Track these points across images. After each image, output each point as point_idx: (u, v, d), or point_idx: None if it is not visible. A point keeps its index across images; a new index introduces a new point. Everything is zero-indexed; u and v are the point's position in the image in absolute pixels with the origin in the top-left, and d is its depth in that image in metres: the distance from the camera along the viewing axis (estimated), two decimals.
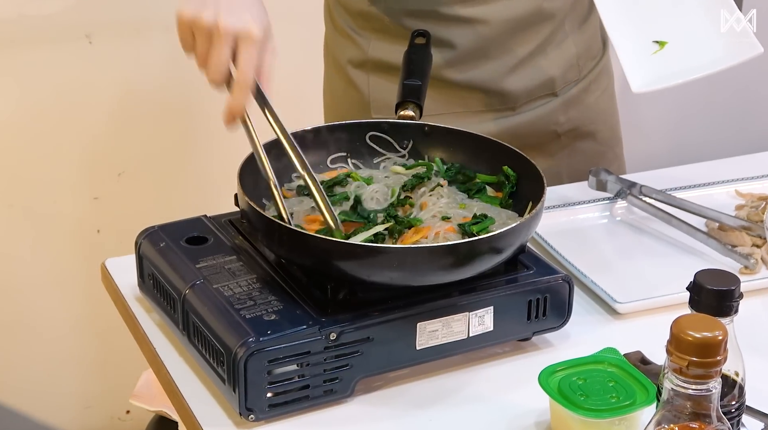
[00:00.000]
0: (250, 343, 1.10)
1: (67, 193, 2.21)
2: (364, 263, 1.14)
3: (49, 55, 2.10)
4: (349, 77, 1.64)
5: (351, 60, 1.63)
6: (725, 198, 1.60)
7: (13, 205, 2.18)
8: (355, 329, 1.14)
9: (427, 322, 1.17)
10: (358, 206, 1.26)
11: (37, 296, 2.26)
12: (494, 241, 1.17)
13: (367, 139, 1.37)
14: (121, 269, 1.38)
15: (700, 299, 0.97)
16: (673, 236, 1.50)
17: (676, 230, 1.49)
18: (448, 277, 1.17)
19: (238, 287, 1.19)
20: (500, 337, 1.23)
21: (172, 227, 1.31)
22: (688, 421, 0.85)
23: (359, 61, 1.62)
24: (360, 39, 1.61)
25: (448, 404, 1.18)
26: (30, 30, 2.07)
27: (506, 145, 1.34)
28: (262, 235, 1.22)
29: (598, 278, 1.36)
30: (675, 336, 0.83)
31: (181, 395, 1.19)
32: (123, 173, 2.24)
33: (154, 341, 1.27)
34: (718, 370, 0.83)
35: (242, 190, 1.21)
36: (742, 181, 1.63)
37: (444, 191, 1.29)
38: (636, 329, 1.30)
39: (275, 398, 1.12)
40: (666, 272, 1.41)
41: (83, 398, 2.39)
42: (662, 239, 1.50)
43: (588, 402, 1.08)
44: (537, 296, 1.22)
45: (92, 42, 2.12)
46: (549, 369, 1.12)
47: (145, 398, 2.00)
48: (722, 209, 1.53)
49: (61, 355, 2.33)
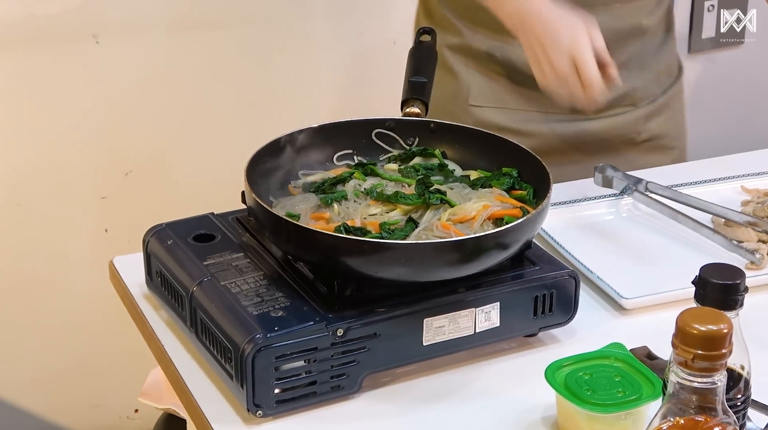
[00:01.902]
0: (257, 339, 1.10)
1: (75, 193, 2.21)
2: (371, 259, 1.15)
3: (56, 55, 2.11)
4: (447, 62, 1.66)
5: (450, 45, 1.66)
6: (731, 194, 1.60)
7: (21, 205, 2.19)
8: (362, 325, 1.14)
9: (434, 318, 1.17)
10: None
11: (45, 295, 2.26)
12: (500, 237, 1.17)
13: (373, 137, 1.38)
14: (129, 266, 1.39)
15: (705, 293, 0.98)
16: (679, 232, 1.50)
17: (682, 227, 1.49)
18: (455, 273, 1.17)
19: (246, 283, 1.20)
20: (506, 333, 1.23)
21: (180, 225, 1.32)
22: (693, 414, 0.85)
23: (459, 47, 1.65)
24: (463, 28, 1.64)
25: (455, 400, 1.18)
26: (37, 30, 2.08)
27: (512, 141, 1.34)
28: (269, 232, 1.23)
29: (604, 274, 1.37)
30: (680, 329, 0.84)
31: (190, 392, 1.19)
32: (130, 173, 2.24)
33: (162, 338, 1.28)
34: (723, 363, 0.84)
35: (249, 187, 1.22)
36: (748, 177, 1.63)
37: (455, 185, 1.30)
38: (642, 324, 1.30)
39: (283, 394, 1.13)
40: (672, 267, 1.41)
41: (92, 397, 2.39)
42: (668, 235, 1.50)
43: (594, 397, 1.08)
44: (543, 291, 1.23)
45: (99, 42, 2.12)
46: (555, 364, 1.12)
47: (153, 396, 2.00)
48: (728, 205, 1.53)
49: (70, 354, 2.34)
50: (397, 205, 1.25)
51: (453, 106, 1.68)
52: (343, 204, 1.26)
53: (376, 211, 1.25)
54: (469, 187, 1.30)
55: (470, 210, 1.23)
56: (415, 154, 1.37)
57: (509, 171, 1.32)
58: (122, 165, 2.23)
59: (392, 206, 1.26)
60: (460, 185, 1.30)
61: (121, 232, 2.22)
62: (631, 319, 1.33)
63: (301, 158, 1.34)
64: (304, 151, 1.34)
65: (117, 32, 2.13)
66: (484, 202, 1.24)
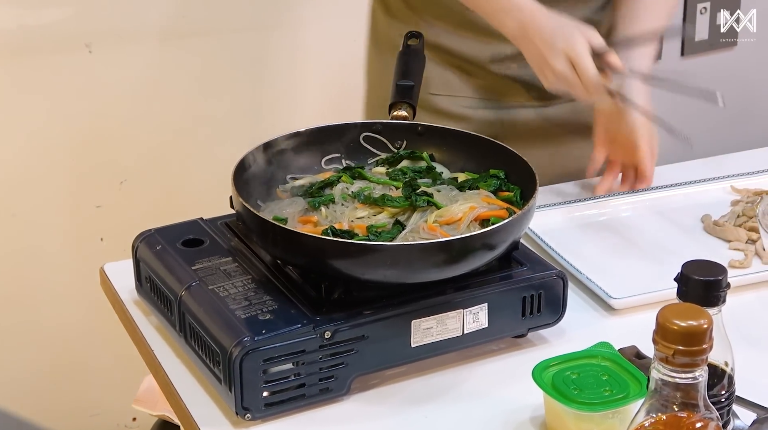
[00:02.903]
0: (245, 342, 1.10)
1: (70, 202, 2.22)
2: (358, 262, 1.15)
3: (49, 64, 2.11)
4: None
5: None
6: (721, 194, 1.60)
7: (16, 215, 2.19)
8: (350, 328, 1.15)
9: (422, 319, 1.18)
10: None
11: (40, 304, 2.27)
12: (487, 237, 1.17)
13: (361, 140, 1.38)
14: (120, 273, 1.39)
15: (687, 290, 0.98)
16: (667, 232, 1.50)
17: (670, 227, 1.50)
18: (442, 274, 1.18)
19: (234, 287, 1.20)
20: (495, 334, 1.23)
21: (169, 230, 1.32)
22: (676, 410, 0.86)
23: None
24: (419, 20, 1.64)
25: (443, 401, 1.19)
26: (30, 40, 2.08)
27: (498, 143, 1.35)
28: (257, 235, 1.23)
29: (592, 275, 1.37)
30: (660, 325, 0.84)
31: (179, 397, 1.19)
32: (125, 182, 2.25)
33: (152, 343, 1.28)
34: (704, 358, 0.84)
35: (236, 192, 1.22)
36: (738, 177, 1.63)
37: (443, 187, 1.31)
38: (631, 324, 1.31)
39: (271, 397, 1.13)
40: (660, 267, 1.41)
41: (89, 406, 2.39)
42: (656, 235, 1.50)
43: (581, 396, 1.08)
44: (531, 292, 1.23)
45: (92, 51, 2.13)
46: (542, 364, 1.13)
47: (147, 403, 2.01)
48: (718, 205, 1.53)
49: (67, 364, 2.34)
50: (384, 208, 1.26)
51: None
52: (331, 207, 1.27)
53: (363, 215, 1.26)
54: (456, 189, 1.30)
55: (457, 212, 1.24)
56: (402, 158, 1.37)
57: (496, 173, 1.32)
58: (117, 174, 2.23)
59: (379, 209, 1.26)
60: (448, 188, 1.31)
61: (117, 240, 2.22)
62: (620, 319, 1.33)
63: (289, 162, 1.34)
64: (292, 155, 1.35)
65: (110, 42, 2.13)
66: (470, 204, 1.25)
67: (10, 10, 2.06)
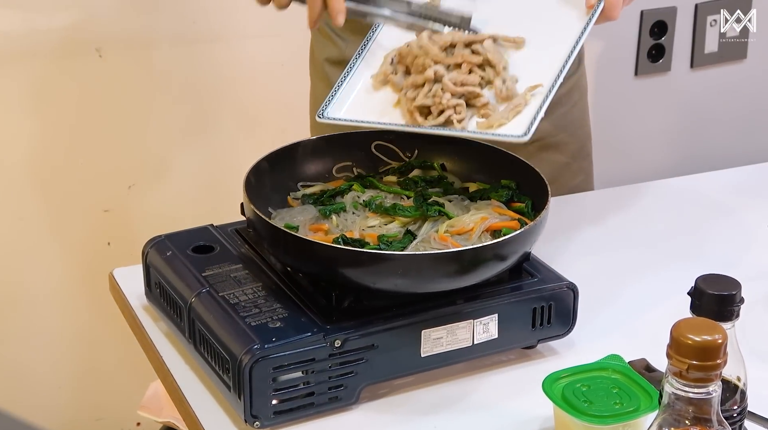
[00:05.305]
0: (255, 350, 1.10)
1: (78, 206, 2.22)
2: (369, 270, 1.15)
3: (59, 68, 2.12)
4: (326, 76, 1.64)
5: (329, 58, 1.64)
6: None
7: (24, 219, 2.19)
8: (360, 337, 1.15)
9: (432, 329, 1.18)
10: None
11: (47, 308, 2.27)
12: (498, 248, 1.17)
13: (373, 149, 1.38)
14: (129, 278, 1.39)
15: (701, 304, 0.98)
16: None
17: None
18: (453, 284, 1.17)
19: (244, 295, 1.20)
20: (505, 344, 1.23)
21: (179, 236, 1.32)
22: (688, 425, 0.85)
23: (336, 60, 1.63)
24: (338, 39, 1.63)
25: (452, 412, 1.18)
26: (40, 44, 2.09)
27: (511, 153, 1.34)
28: (268, 243, 1.23)
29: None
30: (675, 340, 0.84)
31: (188, 403, 1.19)
32: (133, 186, 2.25)
33: (161, 349, 1.28)
34: (718, 373, 0.84)
35: (248, 199, 1.22)
36: None
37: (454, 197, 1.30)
38: (642, 337, 1.30)
39: (280, 405, 1.13)
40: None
41: (94, 411, 2.39)
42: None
43: (592, 408, 1.08)
44: (542, 303, 1.23)
45: (102, 56, 2.13)
46: (553, 376, 1.12)
47: (153, 409, 2.01)
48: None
49: (72, 368, 2.34)
50: (396, 217, 1.26)
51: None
52: (342, 216, 1.27)
53: (374, 224, 1.26)
54: (467, 199, 1.30)
55: (468, 222, 1.23)
56: (414, 167, 1.37)
57: (508, 183, 1.32)
58: (125, 178, 2.23)
59: (390, 218, 1.26)
60: (459, 198, 1.30)
61: (124, 245, 2.23)
62: (631, 331, 1.32)
63: (300, 170, 1.34)
64: (303, 162, 1.35)
65: (120, 46, 2.14)
66: (482, 214, 1.24)
67: (21, 15, 2.06)
